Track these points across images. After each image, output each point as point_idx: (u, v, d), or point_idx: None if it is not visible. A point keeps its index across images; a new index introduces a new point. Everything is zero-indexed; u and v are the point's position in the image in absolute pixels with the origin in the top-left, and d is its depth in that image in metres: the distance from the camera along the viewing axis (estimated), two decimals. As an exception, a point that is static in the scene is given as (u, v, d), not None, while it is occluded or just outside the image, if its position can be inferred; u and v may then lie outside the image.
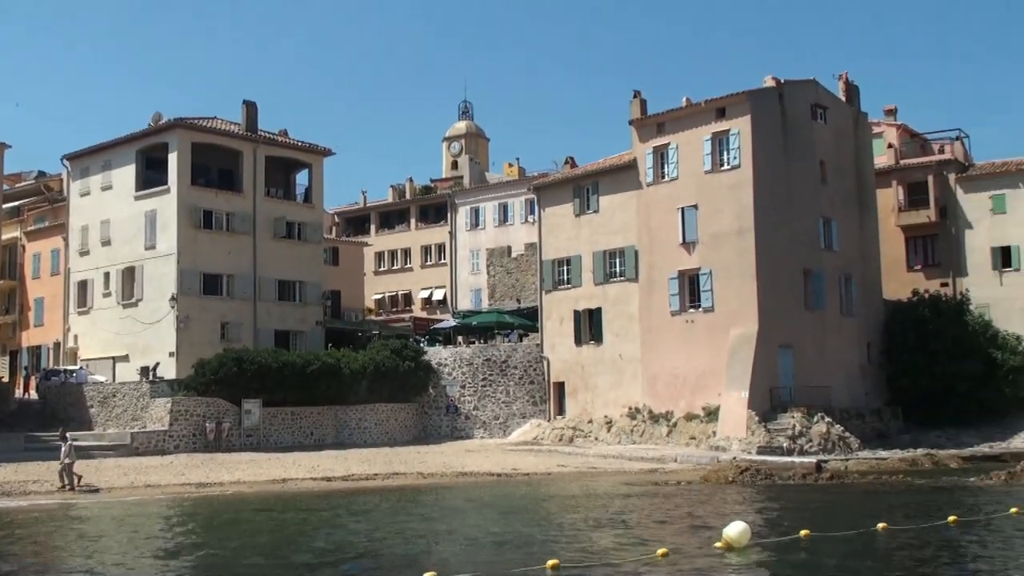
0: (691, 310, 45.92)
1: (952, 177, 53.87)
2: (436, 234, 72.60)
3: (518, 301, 64.27)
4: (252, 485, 32.25)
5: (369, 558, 18.63)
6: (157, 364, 49.24)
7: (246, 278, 52.92)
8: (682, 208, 46.39)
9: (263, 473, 35.11)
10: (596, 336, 50.14)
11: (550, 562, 16.29)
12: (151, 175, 53.41)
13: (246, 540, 21.27)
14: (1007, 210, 52.03)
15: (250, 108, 55.37)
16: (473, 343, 56.07)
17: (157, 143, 53.26)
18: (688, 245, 46.14)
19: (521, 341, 54.46)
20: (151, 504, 28.03)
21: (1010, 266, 51.86)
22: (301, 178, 58.74)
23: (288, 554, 19.17)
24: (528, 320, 56.75)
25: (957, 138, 56.80)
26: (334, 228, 76.97)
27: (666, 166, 47.53)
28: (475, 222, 70.09)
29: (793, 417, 41.71)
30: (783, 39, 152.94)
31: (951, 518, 21.15)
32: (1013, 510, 22.17)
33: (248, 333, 52.43)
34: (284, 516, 25.24)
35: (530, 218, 64.00)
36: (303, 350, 52.20)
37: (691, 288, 46.12)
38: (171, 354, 50.14)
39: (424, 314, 69.79)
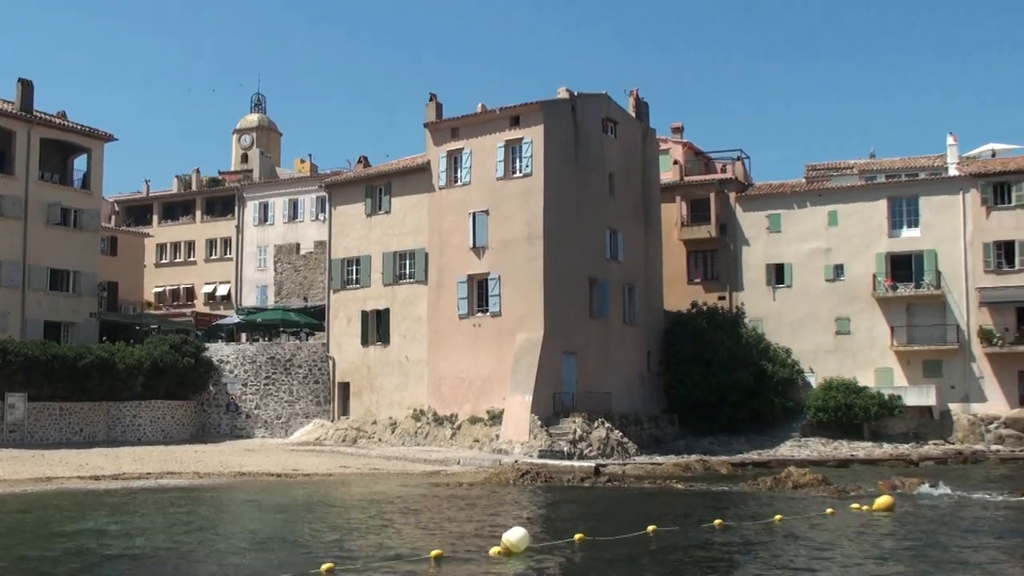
0: (479, 314, 46.21)
1: (732, 196, 56.12)
2: (222, 228, 70.70)
3: (305, 299, 63.33)
4: (13, 484, 30.47)
5: (133, 561, 17.77)
6: (-89, 353, 45.97)
7: (14, 265, 49.94)
8: (473, 213, 46.63)
9: (25, 471, 33.26)
10: (383, 337, 49.85)
11: (324, 566, 15.90)
12: (-89, 151, 49.82)
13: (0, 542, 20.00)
14: (781, 229, 54.58)
15: (25, 86, 52.31)
16: (257, 340, 54.88)
17: (-81, 117, 49.73)
18: (478, 250, 46.40)
19: (308, 340, 53.71)
20: None
21: (783, 283, 54.44)
22: (80, 163, 55.89)
23: (47, 556, 18.12)
24: (315, 319, 55.95)
25: (738, 158, 59.24)
26: (113, 217, 73.76)
27: (459, 170, 47.69)
28: (264, 217, 68.64)
29: (574, 422, 42.48)
30: (578, 52, 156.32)
31: (717, 522, 21.86)
32: (777, 518, 23.09)
33: (15, 323, 49.47)
34: (46, 517, 23.88)
35: (321, 216, 63.18)
36: (75, 343, 49.76)
37: (479, 292, 46.41)
38: (-72, 343, 46.88)
39: (207, 309, 67.80)
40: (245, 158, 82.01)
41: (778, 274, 54.66)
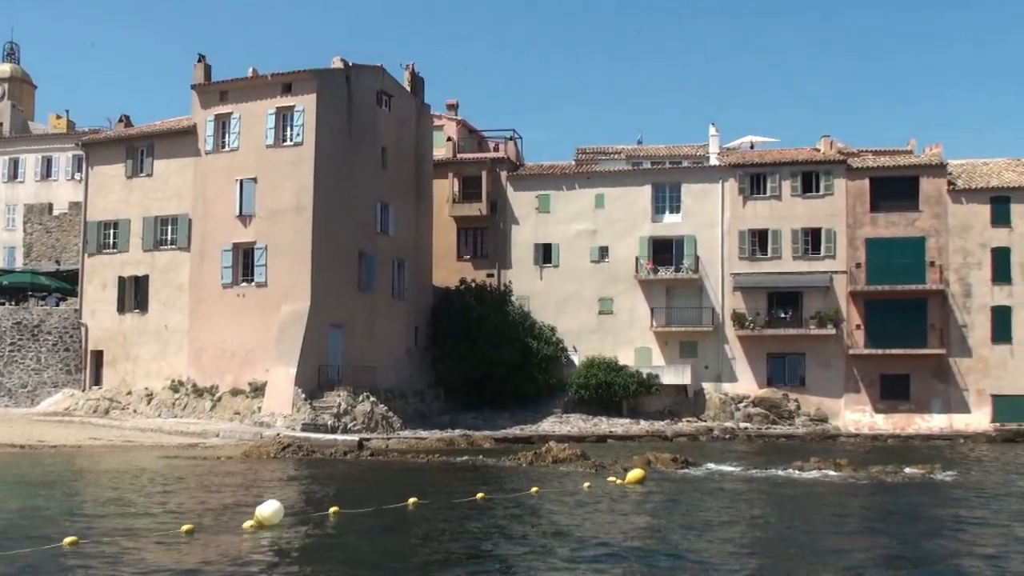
0: (244, 284, 45.07)
1: (504, 175, 56.69)
2: (-33, 185, 66.29)
3: (58, 263, 60.13)
4: None
5: None
6: None
7: None
8: (241, 180, 45.36)
9: None
10: (141, 304, 47.95)
11: (67, 539, 15.10)
12: None
13: None
14: (550, 210, 55.54)
15: None
16: (2, 304, 51.82)
17: None
18: (244, 218, 45.21)
19: (59, 305, 51.09)
20: None
21: (550, 262, 55.42)
22: None
23: None
24: (67, 284, 53.25)
25: (511, 138, 59.90)
26: None
27: (227, 136, 46.29)
28: (13, 174, 64.84)
29: (339, 396, 42.14)
30: (355, 23, 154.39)
31: (479, 495, 22.02)
32: (534, 490, 23.48)
33: None
34: None
35: (77, 175, 60.21)
36: None
37: (245, 262, 45.25)
38: None
39: (-53, 270, 63.56)
40: (-5, 111, 77.01)
41: (546, 254, 55.60)
